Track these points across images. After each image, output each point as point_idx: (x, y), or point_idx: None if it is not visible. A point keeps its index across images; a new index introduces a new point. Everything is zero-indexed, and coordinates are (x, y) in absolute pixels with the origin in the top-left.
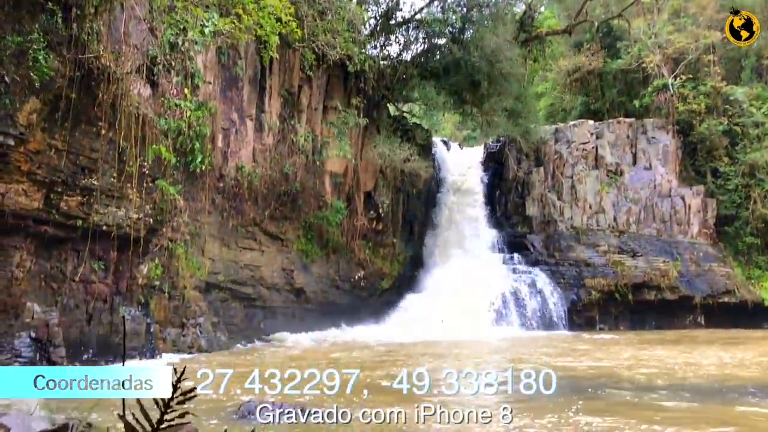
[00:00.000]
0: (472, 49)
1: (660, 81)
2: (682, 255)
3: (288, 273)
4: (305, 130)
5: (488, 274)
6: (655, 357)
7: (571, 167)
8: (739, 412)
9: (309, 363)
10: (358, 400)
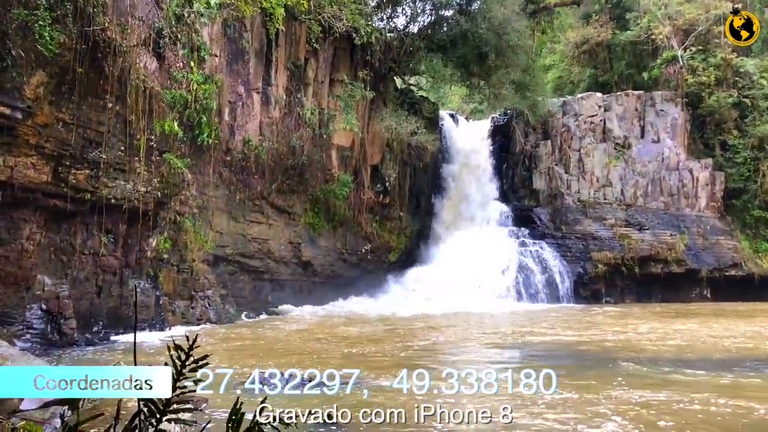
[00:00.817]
0: (479, 21)
1: (669, 53)
2: (689, 228)
3: (295, 246)
4: (312, 104)
5: (495, 248)
6: (676, 330)
7: (579, 140)
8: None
9: (313, 338)
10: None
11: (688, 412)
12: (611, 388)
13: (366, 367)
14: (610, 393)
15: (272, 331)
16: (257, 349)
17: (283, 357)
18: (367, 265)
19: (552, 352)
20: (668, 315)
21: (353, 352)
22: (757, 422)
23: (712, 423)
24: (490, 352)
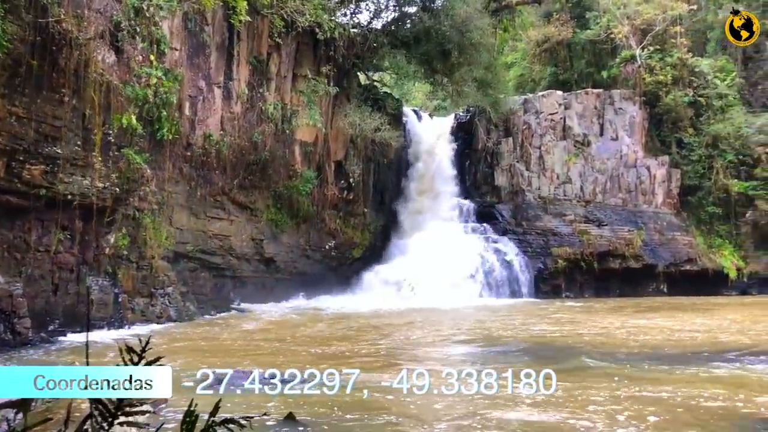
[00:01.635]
0: (442, 18)
1: (628, 52)
2: (646, 224)
3: (258, 243)
4: (274, 99)
5: (458, 244)
6: (643, 325)
7: (540, 138)
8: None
9: (274, 336)
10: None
11: (664, 403)
12: (589, 383)
13: (330, 366)
14: (592, 387)
15: (232, 329)
16: (216, 348)
17: (242, 356)
18: (331, 261)
19: (516, 347)
20: (630, 310)
21: (314, 351)
22: (727, 414)
23: (696, 416)
24: (454, 349)
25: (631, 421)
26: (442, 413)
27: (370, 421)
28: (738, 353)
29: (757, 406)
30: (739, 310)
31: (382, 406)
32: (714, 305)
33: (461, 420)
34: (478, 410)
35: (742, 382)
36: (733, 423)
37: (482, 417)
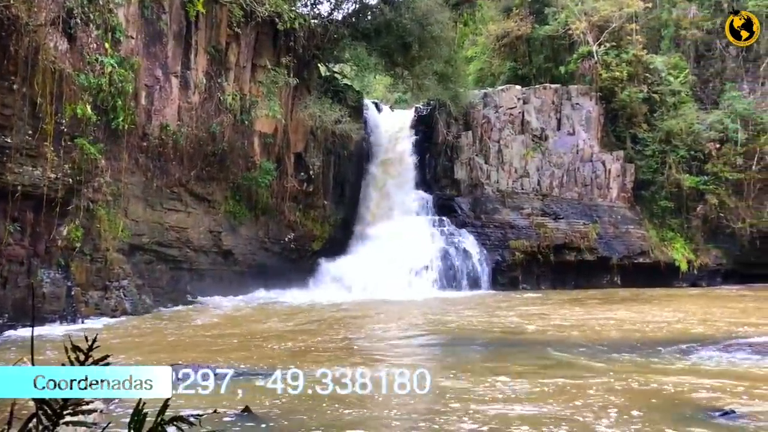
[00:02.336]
0: (403, 11)
1: (585, 48)
2: (601, 218)
3: (215, 235)
4: (233, 89)
5: (418, 236)
6: (610, 317)
7: (499, 132)
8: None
9: (230, 330)
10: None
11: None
12: (550, 372)
13: (291, 361)
14: (556, 376)
15: (188, 322)
16: (170, 342)
17: (197, 351)
18: (291, 254)
19: (476, 338)
20: (592, 301)
21: (271, 345)
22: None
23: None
24: (413, 342)
25: (598, 412)
26: (396, 408)
27: (326, 414)
28: (698, 343)
29: (711, 395)
30: (693, 301)
31: (339, 399)
32: (670, 296)
33: (414, 414)
34: (435, 407)
35: (698, 370)
36: (681, 411)
37: (438, 413)
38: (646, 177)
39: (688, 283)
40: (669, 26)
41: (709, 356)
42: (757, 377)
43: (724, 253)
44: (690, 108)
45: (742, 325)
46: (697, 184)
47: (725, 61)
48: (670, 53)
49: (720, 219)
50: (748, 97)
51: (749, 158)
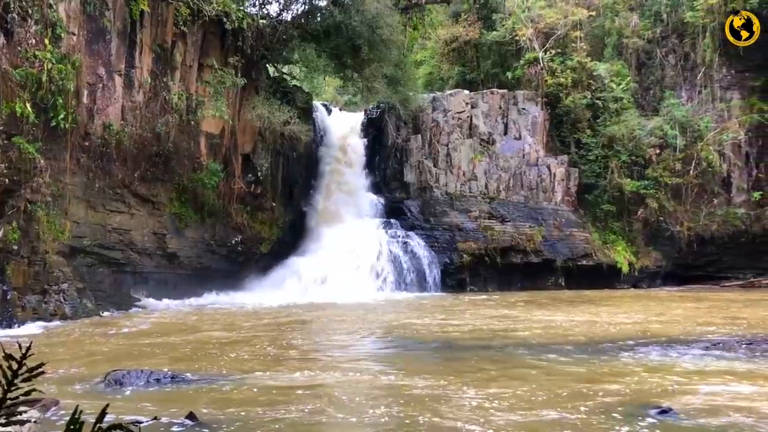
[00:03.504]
0: (353, 13)
1: (531, 54)
2: (546, 221)
3: (160, 237)
4: (179, 89)
5: (367, 239)
6: (558, 318)
7: (447, 135)
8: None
9: (172, 334)
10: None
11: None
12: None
13: (238, 366)
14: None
15: (130, 327)
16: (111, 347)
17: (139, 356)
18: (238, 257)
19: (427, 340)
20: (542, 302)
21: (215, 349)
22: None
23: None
24: (361, 345)
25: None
26: (347, 413)
27: (273, 420)
28: (643, 342)
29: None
30: (638, 302)
31: (283, 403)
32: (615, 298)
33: (366, 414)
34: (388, 410)
35: (642, 369)
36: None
37: (390, 415)
38: (590, 181)
39: (629, 285)
40: (612, 35)
41: (654, 355)
42: (697, 375)
43: (663, 255)
44: (631, 114)
45: (686, 325)
46: (638, 188)
47: (665, 69)
48: (613, 61)
49: (660, 222)
50: (686, 104)
51: (687, 163)
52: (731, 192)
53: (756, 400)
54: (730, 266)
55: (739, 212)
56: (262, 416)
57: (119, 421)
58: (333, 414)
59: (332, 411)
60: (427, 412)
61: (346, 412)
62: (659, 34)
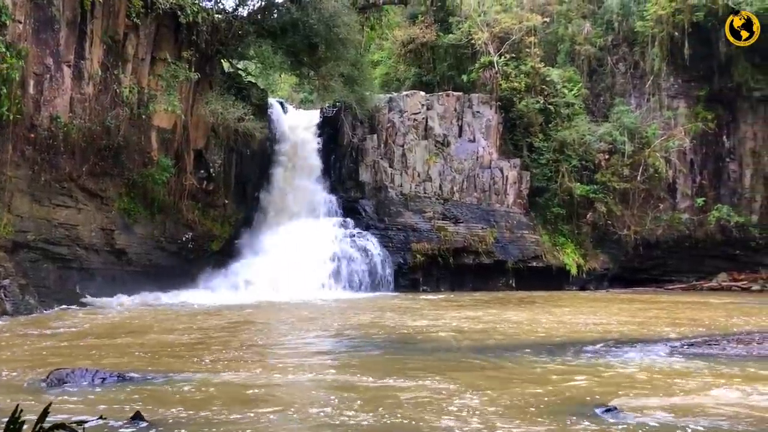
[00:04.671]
0: (310, 11)
1: (486, 58)
2: (498, 222)
3: (108, 233)
4: (131, 82)
5: (321, 238)
6: (513, 318)
7: (403, 136)
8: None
9: (117, 333)
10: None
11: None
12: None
13: (187, 365)
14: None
15: (74, 324)
16: (54, 346)
17: (82, 355)
18: (188, 254)
19: (378, 340)
20: (494, 302)
21: (160, 348)
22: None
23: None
24: (318, 343)
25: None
26: (296, 412)
27: (219, 418)
28: (594, 343)
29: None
30: (589, 304)
31: (232, 403)
32: (564, 299)
33: (312, 409)
34: (329, 402)
35: (591, 369)
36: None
37: (340, 414)
38: (541, 184)
39: (577, 287)
40: (565, 41)
41: (607, 355)
42: (646, 375)
43: (610, 258)
44: (582, 120)
45: (637, 326)
46: (587, 192)
47: (615, 76)
48: (566, 67)
49: (607, 226)
50: (635, 111)
51: (635, 169)
52: (676, 198)
53: (705, 399)
54: (673, 270)
55: (684, 217)
56: (210, 416)
57: (63, 421)
58: (281, 413)
59: (281, 410)
60: (372, 411)
61: (294, 412)
62: (610, 42)
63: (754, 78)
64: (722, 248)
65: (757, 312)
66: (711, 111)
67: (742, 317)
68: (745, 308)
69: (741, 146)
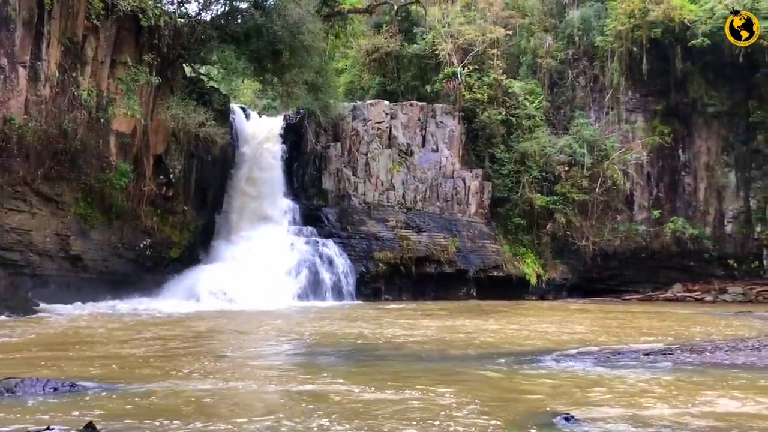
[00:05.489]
0: (274, 17)
1: (450, 69)
2: (460, 232)
3: (63, 238)
4: (89, 84)
5: (283, 246)
6: (478, 327)
7: (367, 144)
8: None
9: (70, 341)
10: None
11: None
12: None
13: (142, 374)
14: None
15: (26, 331)
16: (2, 354)
17: (32, 364)
18: (146, 261)
19: (340, 348)
20: (457, 312)
21: (113, 357)
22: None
23: None
24: (277, 352)
25: None
26: (252, 420)
27: (174, 429)
28: (551, 352)
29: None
30: (547, 313)
31: (187, 413)
32: (525, 308)
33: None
34: (284, 410)
35: (550, 378)
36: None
37: (298, 421)
38: (502, 195)
39: (536, 296)
40: (527, 54)
41: (568, 364)
42: (602, 384)
43: (569, 268)
44: (543, 132)
45: (597, 336)
46: (547, 203)
47: (575, 90)
48: (527, 79)
49: (567, 237)
50: (594, 124)
51: (594, 181)
52: (633, 209)
53: (663, 408)
54: (630, 280)
55: (640, 229)
56: (165, 426)
57: (13, 431)
58: (236, 423)
59: (236, 420)
60: (326, 419)
61: (250, 421)
62: (571, 56)
63: (708, 94)
64: (677, 259)
65: (711, 322)
66: (667, 125)
67: (697, 327)
68: (699, 318)
69: (696, 160)
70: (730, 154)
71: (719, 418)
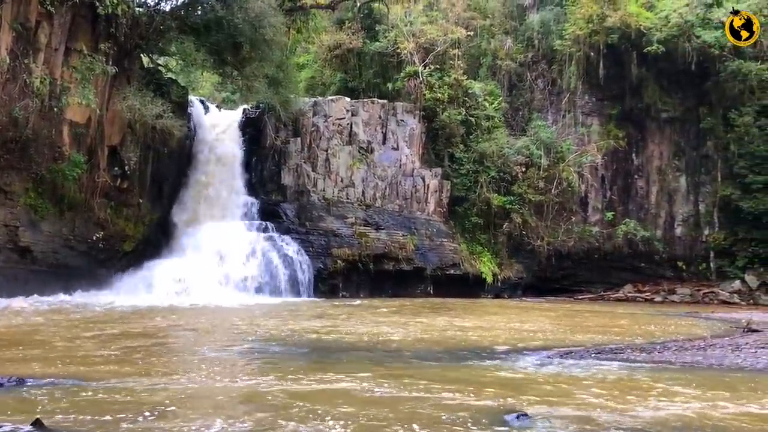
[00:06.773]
0: (235, 10)
1: (411, 68)
2: (418, 230)
3: (12, 230)
4: (42, 72)
5: (240, 240)
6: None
7: (327, 141)
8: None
9: (17, 336)
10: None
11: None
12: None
13: (93, 371)
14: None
15: None
16: None
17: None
18: (99, 254)
19: (295, 345)
20: (410, 309)
21: (62, 353)
22: None
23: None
24: (232, 349)
25: None
26: (204, 417)
27: (124, 426)
28: (510, 350)
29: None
30: (504, 311)
31: (137, 409)
32: (482, 306)
33: (221, 413)
34: (243, 409)
35: (505, 376)
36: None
37: (252, 420)
38: (461, 194)
39: (492, 295)
40: (487, 55)
41: (525, 361)
42: (558, 382)
43: (524, 267)
44: (501, 133)
45: (552, 333)
46: (504, 203)
47: (534, 92)
48: (487, 81)
49: (522, 236)
50: (551, 127)
51: (549, 182)
52: (587, 211)
53: (610, 406)
54: (583, 280)
55: (594, 230)
56: (114, 423)
57: None
58: (188, 418)
59: (188, 416)
60: (274, 416)
61: (201, 417)
62: (530, 59)
63: (662, 100)
64: (629, 261)
65: (660, 322)
66: (622, 129)
67: (646, 326)
68: (649, 318)
69: (648, 164)
70: (681, 158)
71: (663, 417)
